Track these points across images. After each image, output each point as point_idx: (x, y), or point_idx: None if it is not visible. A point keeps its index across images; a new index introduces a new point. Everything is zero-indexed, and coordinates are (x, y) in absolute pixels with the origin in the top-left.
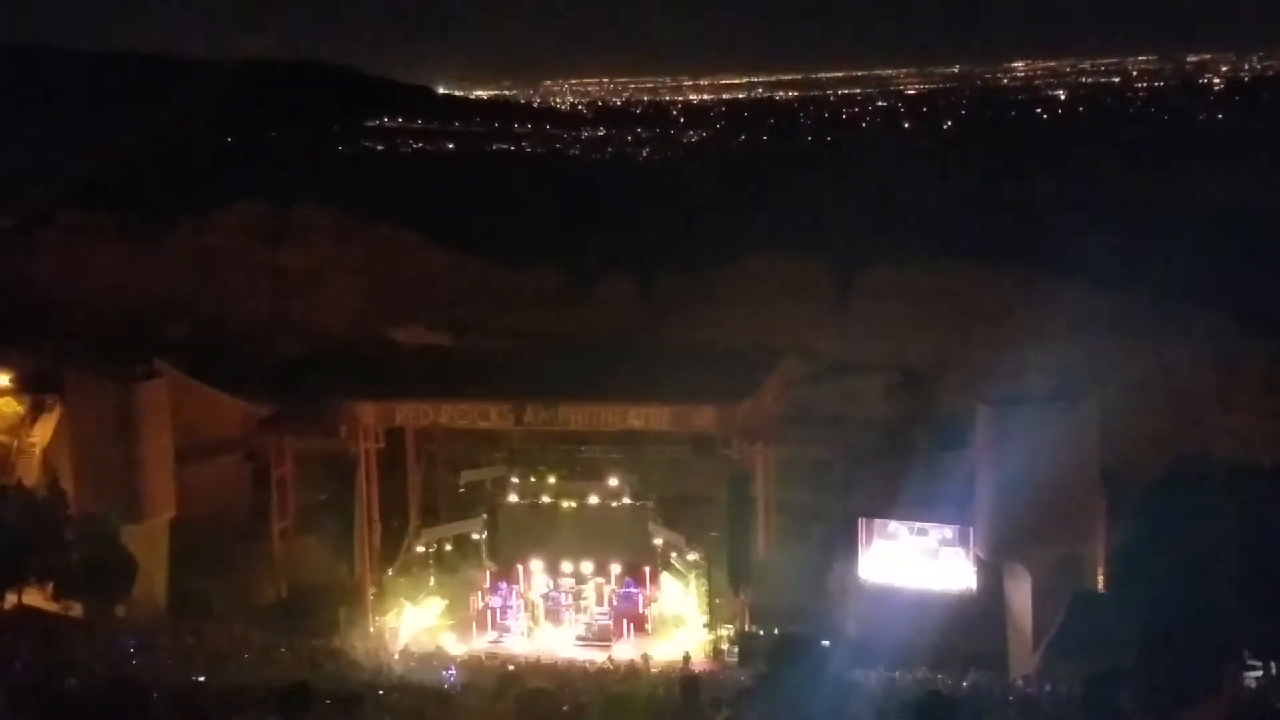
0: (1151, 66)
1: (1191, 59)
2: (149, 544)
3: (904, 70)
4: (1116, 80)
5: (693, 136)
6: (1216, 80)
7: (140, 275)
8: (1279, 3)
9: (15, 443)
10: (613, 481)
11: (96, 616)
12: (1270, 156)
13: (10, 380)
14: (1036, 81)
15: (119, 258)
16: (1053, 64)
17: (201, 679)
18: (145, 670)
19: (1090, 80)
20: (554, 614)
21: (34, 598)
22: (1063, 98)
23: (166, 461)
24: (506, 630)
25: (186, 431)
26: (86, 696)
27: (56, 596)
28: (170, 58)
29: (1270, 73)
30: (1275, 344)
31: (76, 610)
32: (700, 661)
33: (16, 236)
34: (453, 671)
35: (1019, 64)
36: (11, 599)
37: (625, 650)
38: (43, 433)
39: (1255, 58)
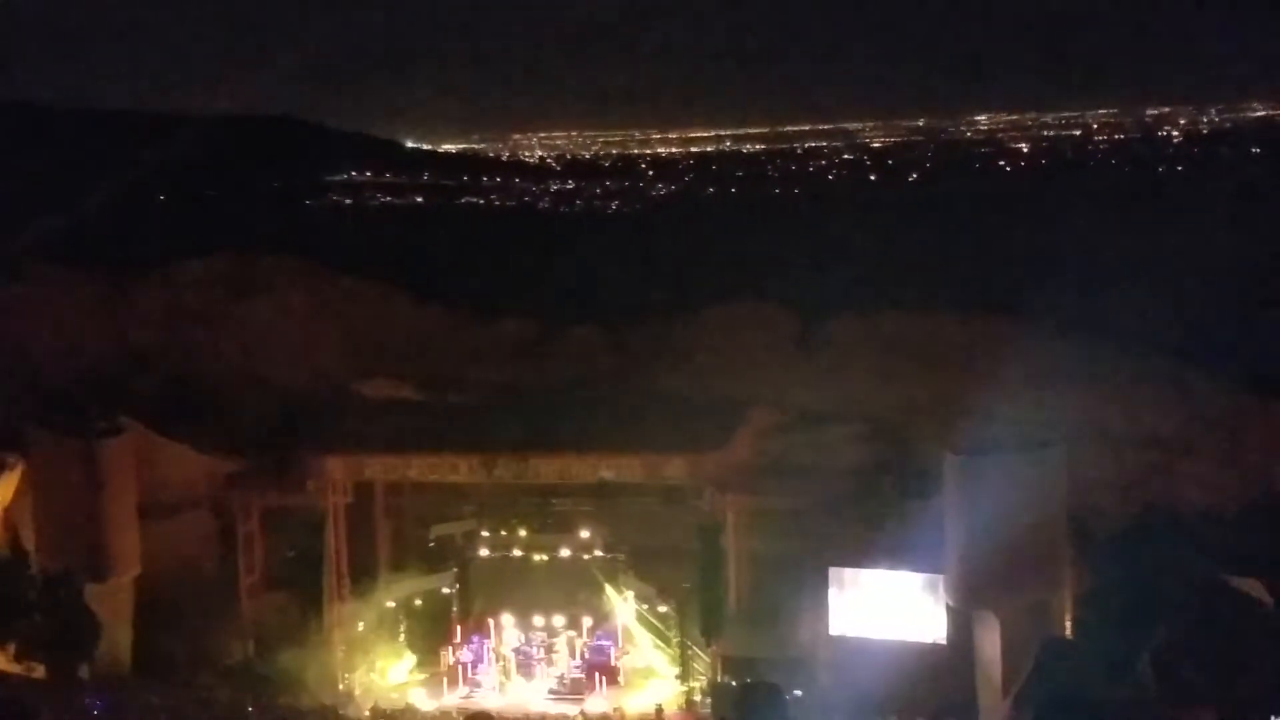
0: (1111, 119)
1: (1151, 112)
2: (113, 603)
3: (869, 123)
4: (1078, 133)
5: (661, 189)
6: (1175, 133)
7: (104, 329)
8: (1237, 57)
9: None
10: (584, 534)
11: (60, 677)
12: (1230, 207)
13: None
14: (999, 134)
15: (83, 311)
16: (1014, 117)
17: None
18: None
19: (1052, 133)
20: (526, 668)
21: None
22: (1025, 150)
23: (131, 519)
24: (478, 685)
25: (151, 488)
26: None
27: (19, 657)
28: (137, 112)
29: (1228, 125)
30: (1240, 390)
31: (39, 671)
32: (673, 714)
33: None
34: None
35: (982, 117)
36: None
37: (598, 703)
38: (4, 491)
39: (1214, 110)
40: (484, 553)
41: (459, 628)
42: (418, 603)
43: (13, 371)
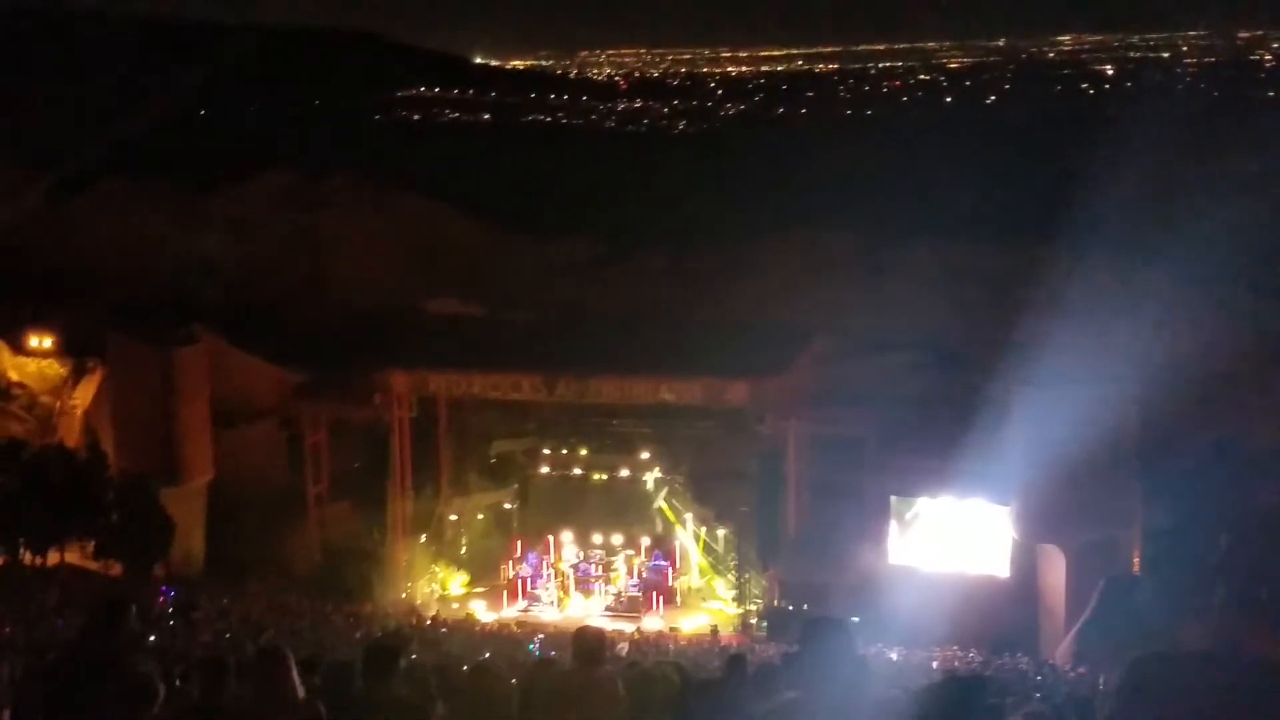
0: (1201, 42)
1: (1243, 35)
2: (187, 506)
3: (946, 43)
4: (1166, 55)
5: (730, 109)
6: (1268, 57)
7: (178, 241)
8: None
9: (58, 404)
10: (644, 455)
11: (135, 576)
12: None
13: (53, 343)
14: (1083, 56)
15: (158, 224)
16: (1100, 38)
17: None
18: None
19: (1139, 55)
20: (583, 585)
21: (74, 556)
22: (1110, 73)
23: (204, 425)
24: (536, 600)
25: (224, 397)
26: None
27: (97, 555)
28: (207, 25)
29: None
30: None
31: (115, 569)
32: (728, 635)
33: (57, 202)
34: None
35: (1065, 38)
36: (53, 557)
37: (654, 623)
38: (84, 394)
39: None
40: (544, 470)
41: (519, 542)
42: (479, 516)
43: (94, 281)
